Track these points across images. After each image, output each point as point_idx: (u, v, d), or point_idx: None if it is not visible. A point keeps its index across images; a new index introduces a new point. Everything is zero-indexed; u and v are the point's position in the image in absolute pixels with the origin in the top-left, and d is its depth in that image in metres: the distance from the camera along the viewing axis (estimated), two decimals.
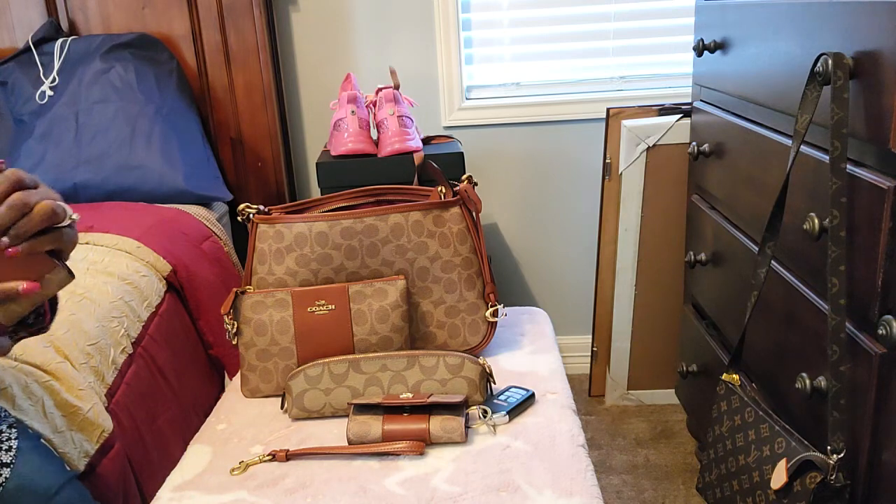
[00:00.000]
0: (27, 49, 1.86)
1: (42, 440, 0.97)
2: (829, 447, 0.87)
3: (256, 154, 1.97)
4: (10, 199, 0.67)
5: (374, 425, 0.84)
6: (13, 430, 0.88)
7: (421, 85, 2.02)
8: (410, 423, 0.85)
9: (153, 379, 1.32)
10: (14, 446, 0.86)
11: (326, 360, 0.91)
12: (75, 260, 1.38)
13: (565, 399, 0.95)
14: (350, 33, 2.00)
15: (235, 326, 1.01)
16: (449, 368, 0.91)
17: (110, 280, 1.34)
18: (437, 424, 0.85)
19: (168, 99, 1.83)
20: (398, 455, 0.83)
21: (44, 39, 1.87)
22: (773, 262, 1.12)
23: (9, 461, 0.84)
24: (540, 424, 0.89)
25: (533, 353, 1.07)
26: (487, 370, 0.92)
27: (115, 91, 1.80)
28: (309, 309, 0.98)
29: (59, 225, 0.70)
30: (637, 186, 1.80)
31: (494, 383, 0.94)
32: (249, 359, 1.02)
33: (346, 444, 0.85)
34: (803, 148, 1.01)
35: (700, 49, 1.44)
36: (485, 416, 0.89)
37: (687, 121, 1.73)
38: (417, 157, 1.64)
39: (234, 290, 1.00)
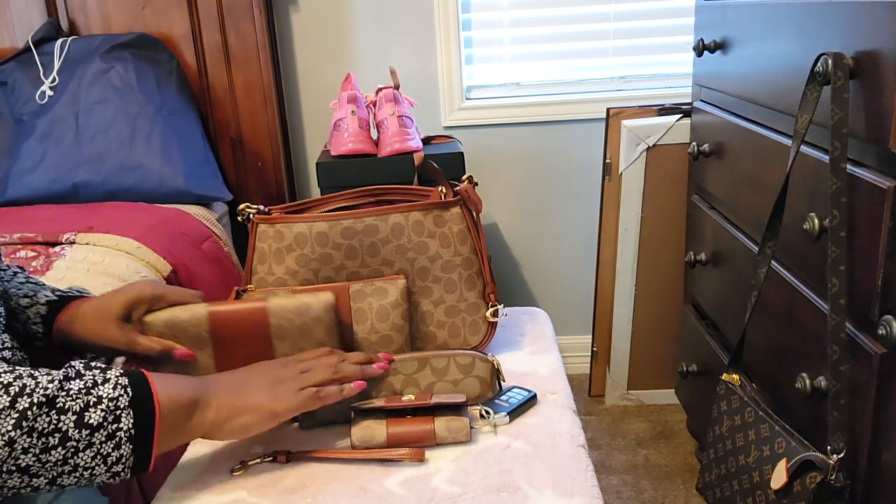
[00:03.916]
0: (27, 49, 1.86)
1: None
2: (829, 447, 0.87)
3: (256, 154, 1.97)
4: None
5: (379, 429, 0.84)
6: None
7: (421, 85, 2.02)
8: (415, 426, 0.84)
9: None
10: None
11: None
12: (75, 260, 1.38)
13: (565, 399, 0.95)
14: (350, 33, 2.00)
15: None
16: (460, 368, 0.91)
17: (110, 281, 1.34)
18: (442, 425, 0.85)
19: (168, 99, 1.83)
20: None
21: (44, 39, 1.87)
22: (773, 262, 1.12)
23: None
24: (540, 425, 0.89)
25: (533, 354, 1.07)
26: (496, 367, 0.92)
27: (115, 91, 1.80)
28: None
29: None
30: (637, 186, 1.80)
31: (504, 381, 0.94)
32: None
33: (350, 448, 0.85)
34: (803, 148, 1.01)
35: (700, 49, 1.44)
36: (486, 417, 0.89)
37: (687, 121, 1.73)
38: (417, 157, 1.64)
39: (235, 288, 1.00)
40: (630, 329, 1.91)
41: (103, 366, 0.71)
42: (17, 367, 0.67)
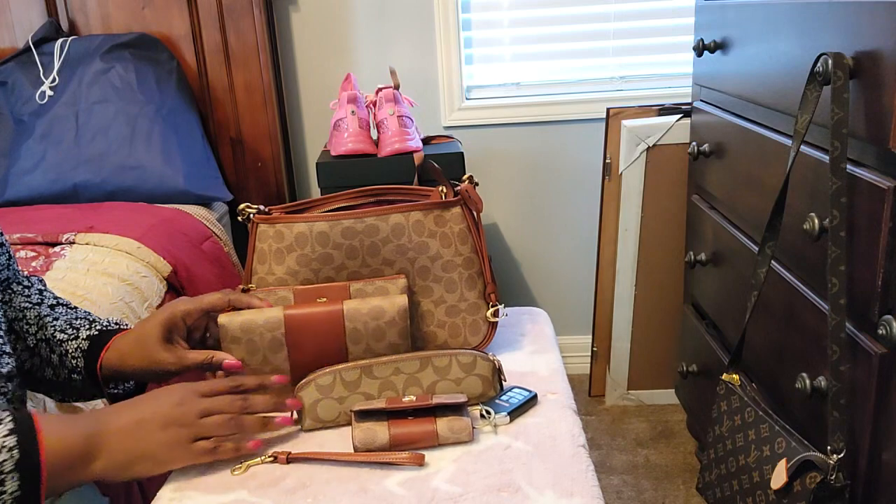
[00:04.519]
0: (27, 49, 1.86)
1: None
2: (829, 447, 0.88)
3: (256, 154, 1.97)
4: None
5: (381, 431, 0.84)
6: None
7: (421, 85, 2.02)
8: (417, 426, 0.84)
9: None
10: None
11: (337, 367, 0.90)
12: (75, 261, 1.38)
13: (566, 399, 0.95)
14: (350, 33, 2.00)
15: None
16: (462, 367, 0.91)
17: (110, 281, 1.34)
18: (444, 425, 0.85)
19: (168, 99, 1.83)
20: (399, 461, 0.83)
21: (44, 39, 1.87)
22: (773, 262, 1.12)
23: None
24: (540, 424, 0.89)
25: (533, 353, 1.07)
26: (497, 365, 0.92)
27: (115, 91, 1.80)
28: None
29: None
30: (637, 186, 1.80)
31: (505, 380, 0.94)
32: None
33: (351, 449, 0.85)
34: (803, 148, 1.01)
35: (700, 49, 1.44)
36: (487, 417, 0.89)
37: (687, 121, 1.73)
38: (417, 157, 1.64)
39: (239, 287, 1.00)
40: (630, 329, 1.91)
41: None
42: None
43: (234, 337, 0.90)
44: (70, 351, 0.89)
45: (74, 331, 0.91)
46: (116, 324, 0.94)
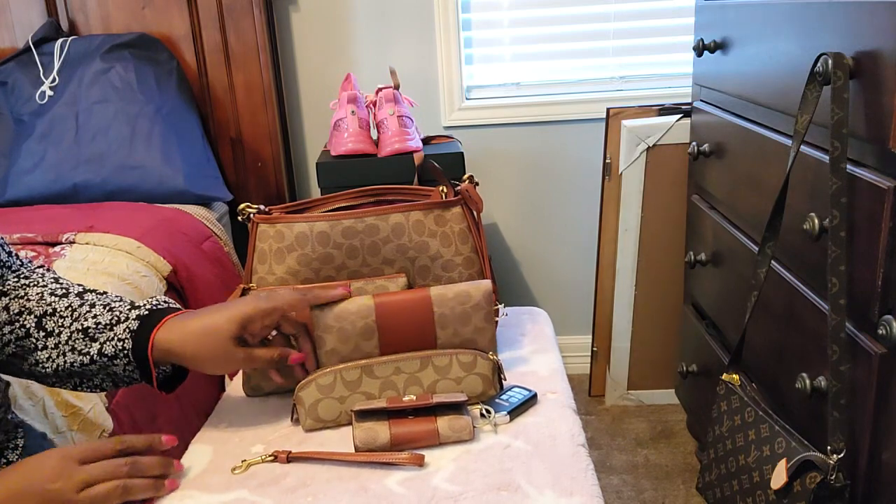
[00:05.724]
0: (27, 49, 1.86)
1: (46, 439, 0.97)
2: (829, 447, 0.88)
3: (256, 154, 1.97)
4: None
5: (382, 430, 0.84)
6: (20, 430, 0.88)
7: (421, 85, 2.02)
8: (418, 425, 0.84)
9: None
10: (21, 444, 0.86)
11: (337, 367, 0.90)
12: (75, 260, 1.38)
13: (566, 399, 0.95)
14: (350, 33, 2.00)
15: None
16: (462, 366, 0.91)
17: (110, 280, 1.34)
18: (445, 424, 0.85)
19: (168, 99, 1.83)
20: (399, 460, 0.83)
21: (44, 39, 1.87)
22: (773, 262, 1.12)
23: (16, 459, 0.84)
24: (540, 424, 0.89)
25: (533, 353, 1.07)
26: (497, 365, 0.92)
27: (115, 91, 1.80)
28: None
29: None
30: (637, 186, 1.80)
31: (505, 379, 0.94)
32: None
33: (352, 449, 0.85)
34: (803, 148, 1.01)
35: (700, 49, 1.44)
36: (487, 416, 0.89)
37: (687, 121, 1.73)
38: (417, 157, 1.64)
39: (241, 286, 1.00)
40: (630, 329, 1.91)
41: None
42: None
43: (327, 325, 0.91)
44: (118, 334, 0.83)
45: (118, 314, 0.85)
46: (166, 302, 0.89)
